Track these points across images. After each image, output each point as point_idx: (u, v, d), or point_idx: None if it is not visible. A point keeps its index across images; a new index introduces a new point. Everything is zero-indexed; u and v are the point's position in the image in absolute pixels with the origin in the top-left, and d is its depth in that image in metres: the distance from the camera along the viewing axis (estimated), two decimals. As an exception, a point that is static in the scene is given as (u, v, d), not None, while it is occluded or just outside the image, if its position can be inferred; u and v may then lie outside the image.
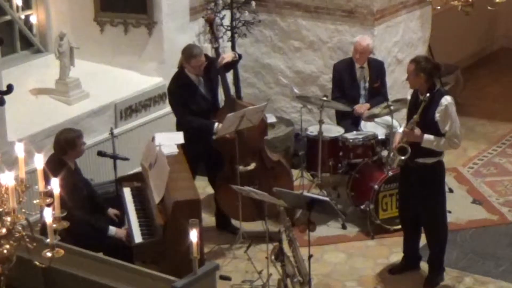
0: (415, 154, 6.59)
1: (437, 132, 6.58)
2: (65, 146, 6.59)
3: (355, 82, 8.31)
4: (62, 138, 6.63)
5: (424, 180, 6.72)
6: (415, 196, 6.82)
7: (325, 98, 8.00)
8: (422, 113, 6.49)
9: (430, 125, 6.56)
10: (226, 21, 9.28)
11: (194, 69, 7.43)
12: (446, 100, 6.54)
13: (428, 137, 6.55)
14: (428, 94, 6.48)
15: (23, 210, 4.08)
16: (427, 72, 6.54)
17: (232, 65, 7.87)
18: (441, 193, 6.85)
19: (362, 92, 8.33)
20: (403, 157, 6.61)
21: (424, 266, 7.15)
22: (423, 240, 7.13)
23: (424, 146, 6.58)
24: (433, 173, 6.74)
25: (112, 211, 6.99)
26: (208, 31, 7.97)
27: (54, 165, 6.29)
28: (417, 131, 6.56)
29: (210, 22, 7.86)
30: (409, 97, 6.83)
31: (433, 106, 6.53)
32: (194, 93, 7.47)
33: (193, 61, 7.39)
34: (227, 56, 7.70)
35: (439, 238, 6.95)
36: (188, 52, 7.43)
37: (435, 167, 6.72)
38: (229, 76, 8.43)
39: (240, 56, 7.90)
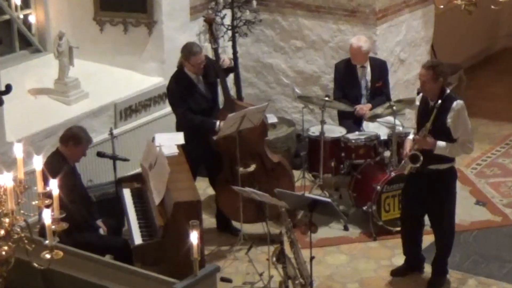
0: (428, 161, 6.47)
1: (449, 138, 6.46)
2: (70, 139, 6.59)
3: (356, 82, 8.27)
4: (74, 131, 6.67)
5: (437, 185, 6.60)
6: (424, 200, 6.72)
7: (327, 98, 7.97)
8: (434, 120, 6.38)
9: (442, 131, 6.43)
10: (227, 21, 9.23)
11: (194, 67, 7.39)
12: (458, 104, 6.42)
13: (441, 144, 6.43)
14: (440, 101, 6.34)
15: (22, 212, 4.07)
16: (444, 75, 6.43)
17: (229, 71, 7.89)
18: (452, 198, 6.76)
19: (364, 92, 8.28)
20: (414, 165, 6.50)
21: (427, 268, 7.10)
22: (424, 241, 7.08)
23: (437, 153, 6.48)
24: (446, 179, 6.64)
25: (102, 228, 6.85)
26: (208, 31, 7.91)
27: (56, 161, 6.30)
28: (430, 138, 6.43)
29: (209, 23, 7.81)
30: (417, 103, 6.70)
31: (445, 112, 6.40)
32: (193, 92, 7.43)
33: (192, 59, 7.34)
34: (227, 61, 7.68)
35: (445, 242, 6.88)
36: (188, 50, 7.39)
37: (448, 173, 6.62)
38: (230, 76, 8.38)
39: (234, 66, 8.04)
